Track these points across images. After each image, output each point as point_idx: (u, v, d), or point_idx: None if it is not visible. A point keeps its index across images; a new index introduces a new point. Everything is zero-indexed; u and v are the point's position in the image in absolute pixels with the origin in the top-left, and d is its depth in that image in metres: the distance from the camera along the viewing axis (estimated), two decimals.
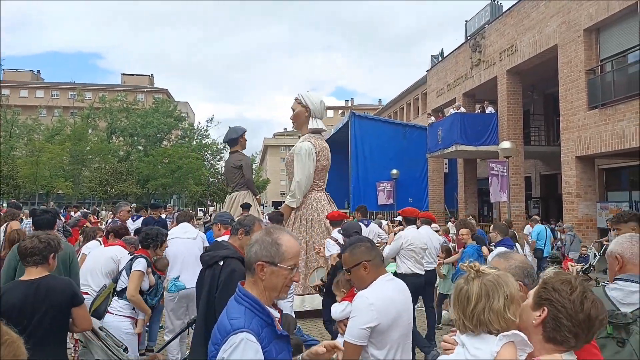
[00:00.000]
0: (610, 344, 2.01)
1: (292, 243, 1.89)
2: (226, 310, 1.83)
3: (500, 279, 1.60)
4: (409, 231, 6.12)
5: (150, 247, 4.39)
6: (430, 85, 24.08)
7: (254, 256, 1.84)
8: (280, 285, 1.85)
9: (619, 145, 11.82)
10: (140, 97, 55.58)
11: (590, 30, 12.93)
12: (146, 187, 37.63)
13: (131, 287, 4.09)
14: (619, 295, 2.15)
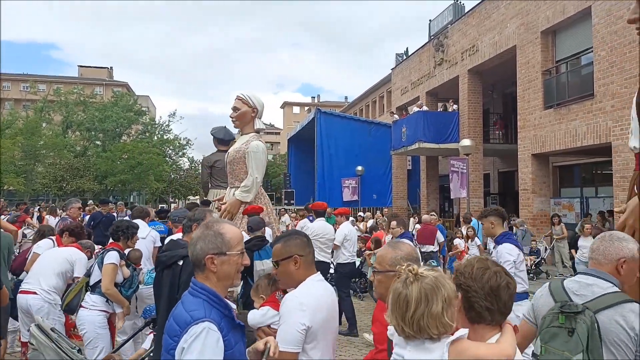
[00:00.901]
0: (562, 333, 2.08)
1: (234, 230, 1.94)
2: (182, 304, 1.84)
3: (438, 281, 1.58)
4: (316, 223, 6.68)
5: (122, 239, 4.34)
6: (395, 84, 24.43)
7: (200, 252, 1.86)
8: (233, 272, 1.89)
9: (571, 143, 12.37)
10: (99, 90, 53.83)
11: (547, 32, 13.45)
12: (104, 183, 36.50)
13: (105, 280, 4.03)
14: (574, 287, 2.23)
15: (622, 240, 2.25)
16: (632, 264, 2.20)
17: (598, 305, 2.09)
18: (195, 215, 3.43)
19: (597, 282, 2.18)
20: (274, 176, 49.93)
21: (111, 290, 4.04)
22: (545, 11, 13.31)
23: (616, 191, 11.02)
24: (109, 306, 4.12)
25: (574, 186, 16.56)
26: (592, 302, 2.11)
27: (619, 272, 2.20)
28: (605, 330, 2.04)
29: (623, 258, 2.20)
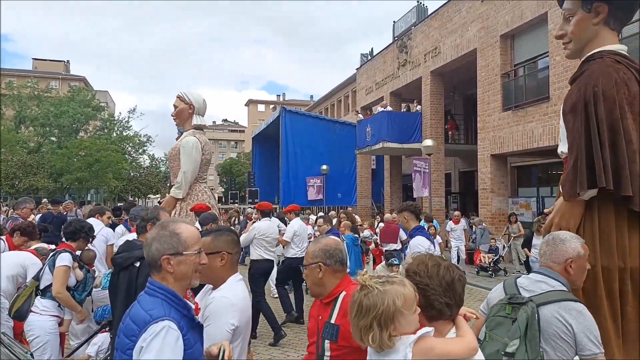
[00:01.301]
0: (506, 322, 2.17)
1: (190, 229, 1.90)
2: (139, 304, 1.80)
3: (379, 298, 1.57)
4: (262, 223, 6.95)
5: (81, 241, 4.15)
6: (360, 83, 24.59)
7: (156, 253, 1.82)
8: (190, 272, 1.85)
9: (529, 144, 12.78)
10: (54, 84, 51.74)
11: (506, 36, 13.84)
12: (59, 181, 35.13)
13: (57, 284, 3.83)
14: (524, 283, 2.34)
15: (565, 241, 2.35)
16: (579, 262, 2.31)
17: (542, 299, 2.19)
18: (148, 215, 3.34)
19: (546, 280, 2.30)
20: (238, 175, 49.41)
21: (62, 295, 3.86)
22: (504, 16, 13.69)
23: None
24: (60, 311, 3.96)
25: (530, 186, 17.14)
26: (537, 296, 2.21)
27: (568, 272, 2.31)
28: (546, 324, 2.14)
29: (570, 259, 2.30)
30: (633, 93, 2.71)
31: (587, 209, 2.75)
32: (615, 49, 2.84)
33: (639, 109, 2.70)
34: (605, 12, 2.81)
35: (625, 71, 2.73)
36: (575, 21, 2.90)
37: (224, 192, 54.89)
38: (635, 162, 2.64)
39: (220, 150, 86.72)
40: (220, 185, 63.60)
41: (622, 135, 2.62)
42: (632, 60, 2.83)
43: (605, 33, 2.87)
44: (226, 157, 70.38)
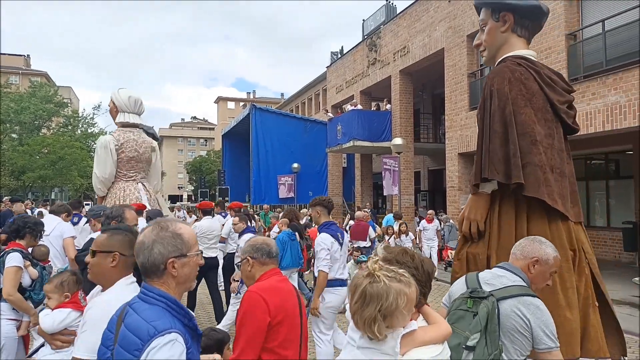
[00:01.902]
0: (468, 316, 2.22)
1: (188, 229, 1.82)
2: (136, 314, 1.65)
3: (386, 290, 1.57)
4: (203, 221, 7.19)
5: (27, 237, 3.94)
6: (330, 82, 24.63)
7: (159, 257, 1.70)
8: (193, 274, 1.78)
9: None
10: (14, 79, 49.90)
11: (473, 36, 14.08)
12: (21, 179, 33.90)
13: (7, 286, 3.63)
14: (486, 277, 2.38)
15: (542, 243, 2.41)
16: (543, 267, 2.36)
17: (502, 293, 2.24)
18: (112, 213, 3.25)
19: (507, 274, 2.35)
20: (208, 173, 48.78)
21: (13, 297, 3.66)
22: (470, 16, 13.94)
23: None
24: (17, 314, 3.77)
25: None
26: (498, 290, 2.26)
27: (530, 271, 2.36)
28: (505, 318, 2.20)
29: (535, 258, 2.36)
30: (531, 90, 2.92)
31: (492, 201, 2.95)
32: (521, 54, 3.09)
33: (542, 105, 2.93)
34: (511, 21, 3.09)
35: (523, 71, 2.95)
36: (487, 30, 3.19)
37: (193, 190, 54.11)
38: (532, 153, 2.81)
39: (190, 148, 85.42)
40: (189, 183, 62.68)
41: (515, 128, 2.81)
42: (534, 62, 3.07)
43: (513, 40, 3.13)
44: (196, 155, 69.34)
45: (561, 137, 3.02)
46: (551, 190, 2.81)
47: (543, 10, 3.17)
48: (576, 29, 10.91)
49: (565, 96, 3.08)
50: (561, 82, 3.12)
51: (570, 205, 2.96)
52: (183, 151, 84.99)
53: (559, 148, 2.96)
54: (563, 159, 2.97)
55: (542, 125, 2.90)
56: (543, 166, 2.82)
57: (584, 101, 10.27)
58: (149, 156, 5.23)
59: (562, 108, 3.01)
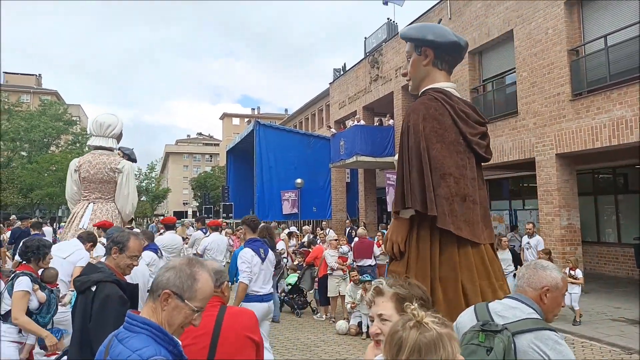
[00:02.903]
0: (480, 350, 2.08)
1: (208, 284, 1.75)
2: (121, 343, 1.62)
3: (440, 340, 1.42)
4: (166, 235, 7.57)
5: (32, 261, 3.93)
6: (333, 98, 24.71)
7: (164, 282, 1.68)
8: (177, 322, 1.68)
9: (499, 158, 12.95)
10: (26, 98, 50.64)
11: (474, 52, 14.09)
12: (29, 197, 34.14)
13: (15, 310, 3.66)
14: (497, 308, 2.24)
15: (546, 268, 2.27)
16: (555, 293, 2.23)
17: (517, 327, 2.09)
18: (116, 238, 3.18)
19: (520, 306, 2.20)
20: (213, 189, 48.85)
21: (20, 320, 3.68)
22: (471, 32, 13.95)
23: (541, 204, 11.62)
24: (22, 336, 3.80)
25: (502, 199, 17.36)
26: (512, 324, 2.12)
27: (543, 301, 2.22)
28: (522, 354, 2.05)
29: (546, 287, 2.22)
30: (444, 125, 3.19)
31: (412, 225, 3.22)
32: (440, 87, 3.35)
33: (454, 138, 3.20)
34: (432, 56, 3.36)
35: (438, 107, 3.22)
36: (411, 62, 3.46)
37: (198, 207, 54.20)
38: (440, 186, 3.10)
39: (195, 163, 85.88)
40: (194, 199, 62.83)
41: (428, 163, 3.10)
42: (450, 97, 3.29)
43: (434, 73, 3.40)
44: (201, 171, 69.64)
45: (473, 166, 3.29)
46: (456, 219, 3.09)
47: (461, 45, 3.43)
48: (578, 45, 10.84)
49: (477, 128, 3.33)
50: (474, 115, 3.35)
51: (484, 228, 3.23)
52: (188, 167, 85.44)
53: (472, 177, 3.23)
54: (475, 186, 3.24)
55: (454, 158, 3.18)
56: (449, 197, 3.11)
57: (589, 116, 10.16)
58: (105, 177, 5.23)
59: (473, 140, 3.27)
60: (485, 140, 3.38)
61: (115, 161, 5.39)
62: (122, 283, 2.94)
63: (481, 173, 3.39)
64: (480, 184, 3.33)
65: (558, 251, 10.87)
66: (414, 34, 3.43)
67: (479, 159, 3.36)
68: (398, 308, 1.79)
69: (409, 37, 3.45)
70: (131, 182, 5.52)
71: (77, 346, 2.77)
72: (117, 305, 2.79)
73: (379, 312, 1.82)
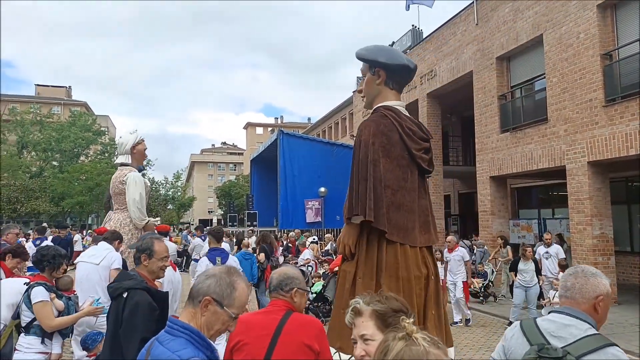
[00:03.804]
0: None
1: (245, 292, 1.85)
2: (161, 345, 1.71)
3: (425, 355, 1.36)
4: None
5: (46, 270, 3.95)
6: (357, 106, 24.66)
7: (205, 288, 1.78)
8: (216, 328, 1.79)
9: (528, 166, 12.65)
10: (56, 109, 52.25)
11: (502, 58, 13.86)
12: (61, 205, 35.07)
13: (43, 321, 3.70)
14: (549, 328, 2.01)
15: (597, 276, 2.08)
16: (607, 301, 2.06)
17: (580, 349, 1.88)
18: (142, 245, 3.21)
19: (574, 322, 1.99)
20: (237, 197, 49.24)
21: (54, 324, 3.76)
22: (499, 38, 13.73)
23: (571, 213, 11.27)
24: (46, 347, 3.80)
25: (531, 207, 16.95)
26: (572, 345, 1.91)
27: (597, 311, 2.03)
28: None
29: (601, 295, 2.03)
30: (392, 141, 3.54)
31: (362, 230, 3.57)
32: (391, 105, 3.68)
33: (399, 153, 3.56)
34: (384, 76, 3.67)
35: (388, 124, 3.56)
36: (365, 81, 3.77)
37: (223, 215, 54.67)
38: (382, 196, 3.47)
39: (220, 172, 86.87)
40: (219, 207, 63.43)
41: (373, 176, 3.44)
42: (399, 114, 3.63)
43: (386, 92, 3.72)
44: (225, 180, 70.34)
45: (415, 178, 3.64)
46: (390, 225, 3.48)
47: (410, 67, 3.74)
48: (611, 49, 10.54)
49: (422, 144, 3.67)
50: (419, 132, 3.68)
51: (421, 233, 3.62)
52: (213, 176, 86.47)
53: (412, 188, 3.60)
54: (414, 197, 3.61)
55: (396, 172, 3.55)
56: (389, 206, 3.49)
57: (623, 122, 9.84)
58: (116, 190, 5.64)
59: (417, 154, 3.61)
60: (429, 154, 3.74)
61: (123, 174, 5.68)
62: (153, 290, 2.96)
63: (424, 184, 3.76)
64: (422, 194, 3.70)
65: (590, 261, 10.53)
66: (369, 55, 3.68)
67: (422, 172, 3.71)
68: (379, 325, 1.70)
69: (364, 58, 3.70)
70: (131, 190, 5.64)
71: (108, 350, 2.84)
72: (146, 312, 2.84)
73: (361, 332, 1.72)
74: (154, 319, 2.79)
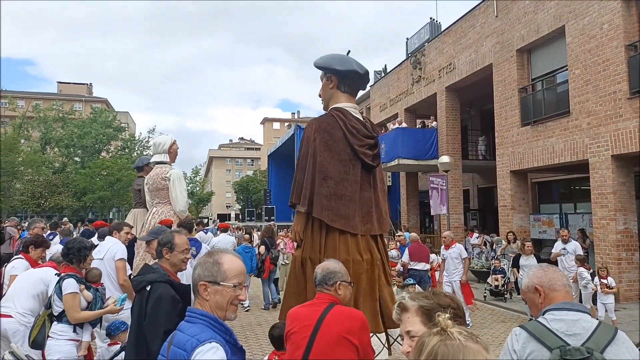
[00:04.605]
0: None
1: (234, 262, 1.92)
2: (182, 333, 1.83)
3: (459, 351, 1.32)
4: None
5: (74, 262, 4.07)
6: (374, 100, 24.54)
7: (197, 278, 1.89)
8: (225, 303, 1.86)
9: (549, 160, 12.44)
10: (78, 106, 53.17)
11: (522, 50, 13.62)
12: (83, 200, 35.79)
13: (70, 312, 3.84)
14: (562, 327, 1.97)
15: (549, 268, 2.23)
16: None
17: (599, 343, 1.88)
18: (163, 239, 3.27)
19: (580, 315, 1.98)
20: (255, 192, 49.58)
21: (79, 317, 3.89)
22: (520, 30, 13.49)
23: (594, 208, 11.06)
24: (77, 335, 3.96)
25: (553, 202, 16.66)
26: (590, 341, 1.89)
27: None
28: None
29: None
30: (335, 138, 3.93)
31: (309, 217, 3.92)
32: (341, 106, 4.09)
33: (341, 148, 3.93)
34: (336, 81, 4.10)
35: (332, 122, 3.98)
36: (322, 85, 4.21)
37: (240, 210, 55.11)
38: (321, 186, 3.85)
39: (237, 167, 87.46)
40: (237, 202, 63.97)
41: (313, 168, 3.87)
42: (346, 114, 4.02)
43: (338, 95, 4.14)
44: (243, 175, 70.81)
45: (358, 172, 3.97)
46: (332, 213, 3.83)
47: (360, 73, 4.11)
48: (636, 40, 10.27)
49: (364, 141, 4.01)
50: (363, 130, 4.03)
51: (363, 222, 3.94)
52: (231, 171, 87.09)
53: (354, 181, 3.94)
54: (356, 189, 3.93)
55: (339, 165, 3.91)
56: (328, 195, 3.84)
57: None
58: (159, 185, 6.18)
59: (360, 150, 3.96)
60: (373, 150, 4.06)
61: (164, 171, 6.22)
62: (175, 284, 3.01)
63: (369, 177, 4.07)
64: (365, 187, 4.02)
65: (613, 257, 10.32)
66: (322, 63, 4.12)
67: (366, 166, 4.01)
68: (425, 322, 1.67)
69: (318, 66, 4.14)
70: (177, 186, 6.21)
71: (133, 341, 2.89)
72: (169, 304, 2.88)
73: (407, 329, 1.70)
74: (177, 312, 2.83)
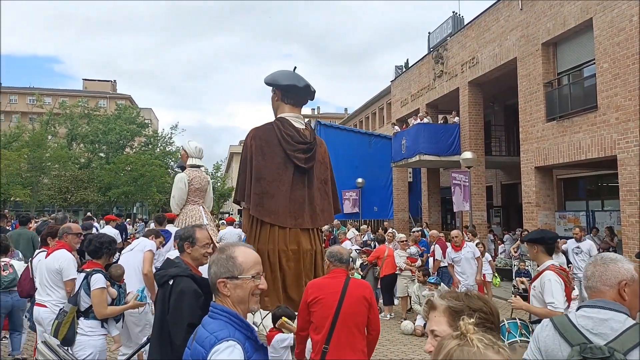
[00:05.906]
0: None
1: (248, 253, 1.92)
2: (203, 328, 1.85)
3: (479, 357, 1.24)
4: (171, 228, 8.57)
5: (103, 257, 4.14)
6: (395, 96, 24.34)
7: (214, 276, 1.88)
8: (246, 296, 1.86)
9: (575, 156, 12.15)
10: (103, 103, 54.19)
11: (548, 44, 13.31)
12: (107, 195, 36.52)
13: (98, 307, 3.91)
14: (588, 325, 1.91)
15: (617, 261, 2.00)
16: (634, 287, 1.96)
17: (625, 344, 1.80)
18: (184, 234, 3.31)
19: (611, 315, 1.89)
20: None
21: (106, 312, 3.98)
22: (545, 23, 13.18)
23: (623, 205, 10.76)
24: (104, 330, 4.06)
25: (579, 199, 16.29)
26: (615, 341, 1.81)
27: (623, 298, 1.94)
28: None
29: (623, 281, 1.94)
30: (269, 143, 4.57)
31: None
32: (283, 116, 4.74)
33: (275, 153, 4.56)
34: (279, 94, 4.80)
35: (268, 129, 4.65)
36: (271, 98, 4.90)
37: None
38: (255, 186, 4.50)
39: None
40: None
41: (248, 169, 4.58)
42: (284, 123, 4.65)
43: (282, 106, 4.82)
44: None
45: (290, 173, 4.58)
46: (263, 209, 4.49)
47: (299, 87, 4.72)
48: None
49: (297, 146, 4.60)
50: (297, 137, 4.62)
51: (294, 217, 4.54)
52: None
53: (286, 181, 4.56)
54: (287, 188, 4.54)
55: (272, 167, 4.54)
56: (260, 194, 4.50)
57: None
58: (204, 187, 6.86)
59: (292, 154, 4.56)
60: (306, 154, 4.63)
61: (206, 175, 7.04)
62: (197, 277, 3.03)
63: (303, 178, 4.66)
64: (298, 186, 4.62)
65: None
66: (269, 79, 4.80)
67: (299, 168, 4.60)
68: (452, 323, 1.59)
69: (266, 82, 4.81)
70: (210, 188, 7.06)
71: (157, 335, 2.93)
72: (191, 298, 2.91)
73: (432, 327, 1.64)
74: (199, 305, 2.87)
